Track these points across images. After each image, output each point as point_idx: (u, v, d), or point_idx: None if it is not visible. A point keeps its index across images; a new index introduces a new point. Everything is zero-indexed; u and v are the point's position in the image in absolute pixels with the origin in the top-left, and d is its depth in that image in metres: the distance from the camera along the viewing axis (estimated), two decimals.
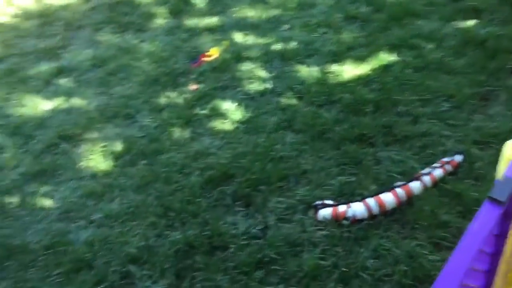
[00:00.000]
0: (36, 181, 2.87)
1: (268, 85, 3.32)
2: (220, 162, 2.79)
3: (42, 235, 2.57)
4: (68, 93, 3.50)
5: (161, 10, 4.32)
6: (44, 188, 2.82)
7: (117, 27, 4.15)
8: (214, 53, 3.66)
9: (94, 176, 2.87)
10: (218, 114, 3.16)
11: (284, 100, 3.17)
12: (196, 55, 3.67)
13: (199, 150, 2.91)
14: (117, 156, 2.96)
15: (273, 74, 3.40)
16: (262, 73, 3.44)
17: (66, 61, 3.83)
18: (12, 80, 3.66)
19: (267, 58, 3.56)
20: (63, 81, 3.63)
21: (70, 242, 2.51)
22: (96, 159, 2.96)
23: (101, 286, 2.28)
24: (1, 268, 2.45)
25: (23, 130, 3.22)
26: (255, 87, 3.33)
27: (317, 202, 2.46)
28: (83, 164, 2.95)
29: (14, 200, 2.79)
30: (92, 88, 3.51)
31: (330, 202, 2.45)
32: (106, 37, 4.06)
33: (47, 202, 2.75)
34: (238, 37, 3.84)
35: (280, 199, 2.55)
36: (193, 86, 3.39)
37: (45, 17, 4.37)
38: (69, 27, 4.22)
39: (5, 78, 3.69)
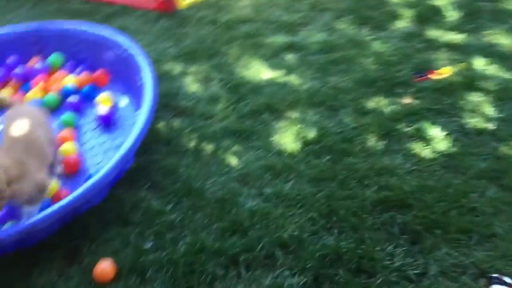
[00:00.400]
0: (231, 139, 3.11)
1: (491, 126, 2.93)
2: (402, 187, 2.60)
3: (218, 188, 2.79)
4: (289, 69, 3.65)
5: (407, 13, 4.13)
6: (236, 148, 3.04)
7: (357, 19, 4.13)
8: (444, 72, 3.37)
9: (280, 153, 2.97)
10: (421, 137, 2.92)
11: (503, 148, 2.77)
12: (423, 69, 3.43)
13: (386, 166, 2.76)
14: (306, 142, 3.01)
15: (501, 115, 2.98)
16: (489, 110, 3.04)
17: (299, 38, 3.98)
18: (248, 43, 3.98)
19: (502, 95, 3.13)
20: (289, 57, 3.79)
21: (237, 204, 2.67)
22: (287, 138, 3.06)
23: (245, 256, 2.39)
24: (179, 201, 2.75)
25: (239, 89, 3.49)
26: (474, 122, 2.97)
27: (494, 275, 2.13)
28: (275, 138, 3.08)
29: (209, 148, 3.08)
30: (311, 71, 3.59)
31: (509, 280, 2.09)
32: (343, 25, 4.08)
33: (233, 161, 2.96)
34: (479, 63, 3.45)
35: (452, 252, 2.27)
36: (406, 100, 3.19)
37: None
38: (314, 7, 4.36)
39: (243, 39, 4.02)
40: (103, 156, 3.11)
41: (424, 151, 2.84)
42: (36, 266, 2.48)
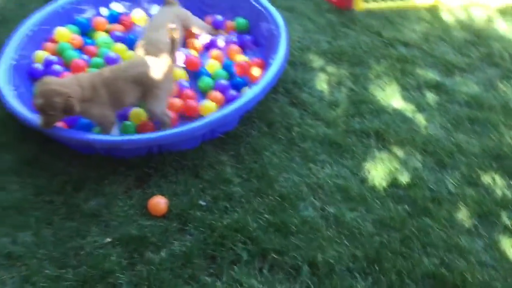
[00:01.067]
0: (327, 147, 3.10)
1: None
2: (464, 275, 2.40)
3: (288, 185, 2.86)
4: (423, 107, 3.45)
5: None
6: (325, 157, 3.05)
7: None
8: None
9: (362, 181, 2.90)
10: None
11: None
12: None
13: (462, 246, 2.58)
14: (394, 184, 2.89)
15: None
16: None
17: (451, 82, 3.69)
18: (397, 66, 3.78)
19: None
20: (430, 95, 3.56)
21: (296, 207, 2.73)
22: (379, 170, 2.95)
23: (275, 256, 2.45)
24: (248, 179, 2.85)
25: (362, 106, 3.41)
26: None
27: None
28: (367, 165, 2.99)
29: (302, 146, 3.10)
30: (444, 118, 3.36)
31: None
32: (505, 87, 3.67)
33: (315, 168, 2.97)
34: None
35: None
36: None
37: None
38: (485, 58, 3.94)
39: (394, 61, 3.81)
40: None
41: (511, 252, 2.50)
42: (112, 175, 2.82)
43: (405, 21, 4.30)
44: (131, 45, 3.61)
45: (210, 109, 3.18)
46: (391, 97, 3.51)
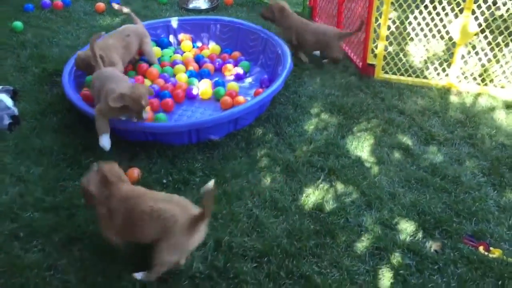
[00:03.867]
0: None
1: None
2: None
3: None
4: None
5: None
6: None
7: None
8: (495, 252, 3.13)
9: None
10: None
11: None
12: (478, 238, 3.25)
13: None
14: None
15: None
16: None
17: None
18: (381, 136, 4.33)
19: None
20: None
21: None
22: None
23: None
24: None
25: None
26: None
27: None
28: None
29: None
30: None
31: None
32: None
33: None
34: None
35: None
36: None
37: None
38: None
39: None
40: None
41: None
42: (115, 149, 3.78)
43: (414, 94, 4.79)
44: None
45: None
46: (361, 148, 4.05)
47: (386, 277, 2.98)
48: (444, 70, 4.90)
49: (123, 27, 4.87)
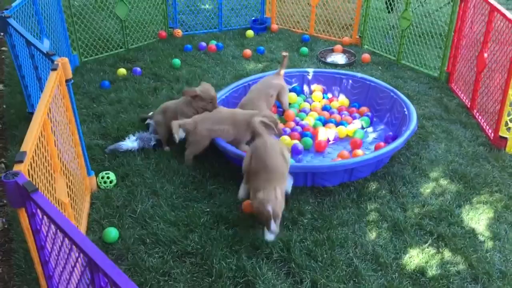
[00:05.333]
0: None
1: None
2: None
3: None
4: None
5: None
6: None
7: None
8: None
9: None
10: None
11: None
12: None
13: None
14: None
15: None
16: None
17: None
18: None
19: None
20: None
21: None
22: None
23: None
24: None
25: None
26: None
27: None
28: None
29: None
30: None
31: None
32: None
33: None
34: None
35: None
36: None
37: None
38: None
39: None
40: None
41: None
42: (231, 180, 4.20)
43: None
44: None
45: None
46: (477, 220, 3.92)
47: None
48: None
49: (266, 80, 5.37)
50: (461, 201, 4.13)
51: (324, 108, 5.48)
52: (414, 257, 3.53)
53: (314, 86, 5.86)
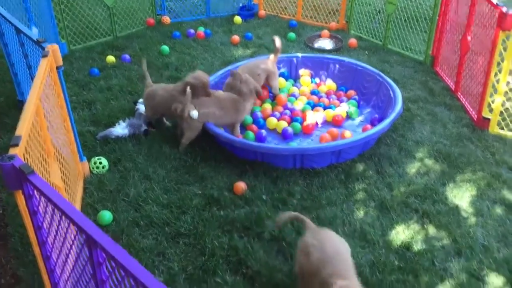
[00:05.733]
0: None
1: None
2: None
3: None
4: None
5: None
6: None
7: None
8: None
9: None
10: None
11: None
12: None
13: None
14: None
15: None
16: None
17: None
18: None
19: None
20: None
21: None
22: None
23: None
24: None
25: None
26: None
27: None
28: None
29: None
30: None
31: None
32: None
33: None
34: None
35: None
36: None
37: None
38: None
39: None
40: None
41: None
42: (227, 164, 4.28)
43: None
44: None
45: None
46: (460, 197, 4.06)
47: None
48: None
49: (255, 62, 5.44)
50: (445, 180, 4.27)
51: (313, 93, 5.57)
52: (400, 234, 3.67)
53: (301, 71, 5.94)
